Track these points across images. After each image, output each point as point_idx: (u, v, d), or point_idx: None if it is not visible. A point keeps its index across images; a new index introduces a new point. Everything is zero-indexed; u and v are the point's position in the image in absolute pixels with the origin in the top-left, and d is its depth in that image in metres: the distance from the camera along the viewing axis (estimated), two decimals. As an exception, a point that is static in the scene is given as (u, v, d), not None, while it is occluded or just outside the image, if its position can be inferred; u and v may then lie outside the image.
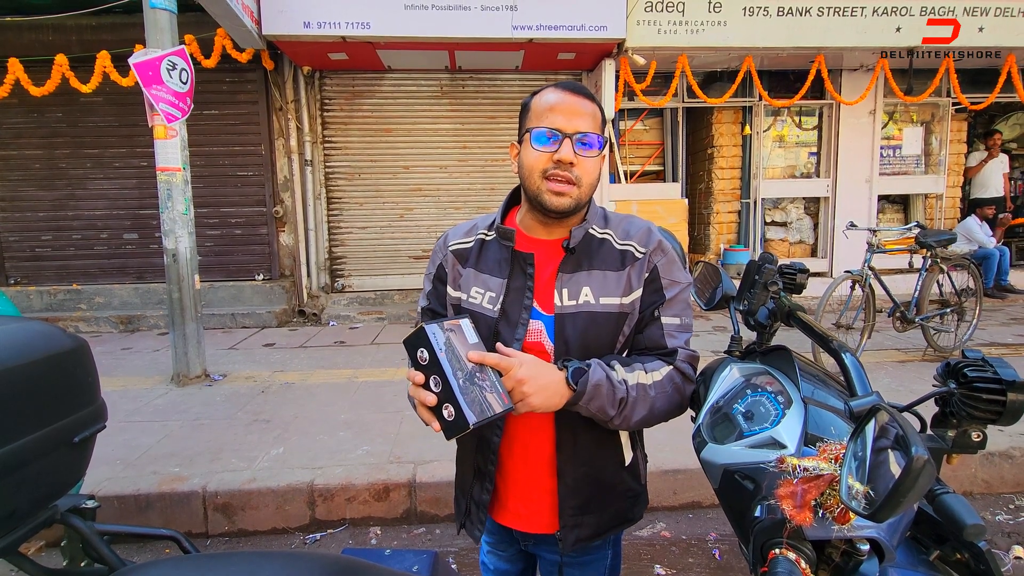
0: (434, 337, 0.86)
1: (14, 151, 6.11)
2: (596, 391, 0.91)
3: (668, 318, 1.03)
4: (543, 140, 0.97)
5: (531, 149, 0.99)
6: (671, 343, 1.02)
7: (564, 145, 0.96)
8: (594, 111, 1.01)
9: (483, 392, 0.88)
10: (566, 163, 0.96)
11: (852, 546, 0.63)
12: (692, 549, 2.34)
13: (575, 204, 0.99)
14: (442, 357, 0.85)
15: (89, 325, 5.82)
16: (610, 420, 0.95)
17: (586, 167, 0.99)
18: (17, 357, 0.96)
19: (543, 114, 0.98)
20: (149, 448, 2.89)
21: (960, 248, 6.02)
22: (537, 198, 1.00)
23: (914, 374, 3.96)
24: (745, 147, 6.79)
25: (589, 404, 0.92)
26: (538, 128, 0.97)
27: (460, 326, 0.94)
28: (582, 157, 0.97)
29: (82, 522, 1.10)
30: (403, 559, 1.04)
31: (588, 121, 0.98)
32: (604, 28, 5.32)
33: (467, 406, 0.83)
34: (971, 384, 0.63)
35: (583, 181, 0.98)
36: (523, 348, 1.03)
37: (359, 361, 4.53)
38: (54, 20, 5.43)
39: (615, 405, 0.93)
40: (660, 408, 0.98)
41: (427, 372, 0.87)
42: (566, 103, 0.98)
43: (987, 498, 2.72)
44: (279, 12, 5.08)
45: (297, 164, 6.20)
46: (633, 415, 0.95)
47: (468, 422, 0.82)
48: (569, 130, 0.96)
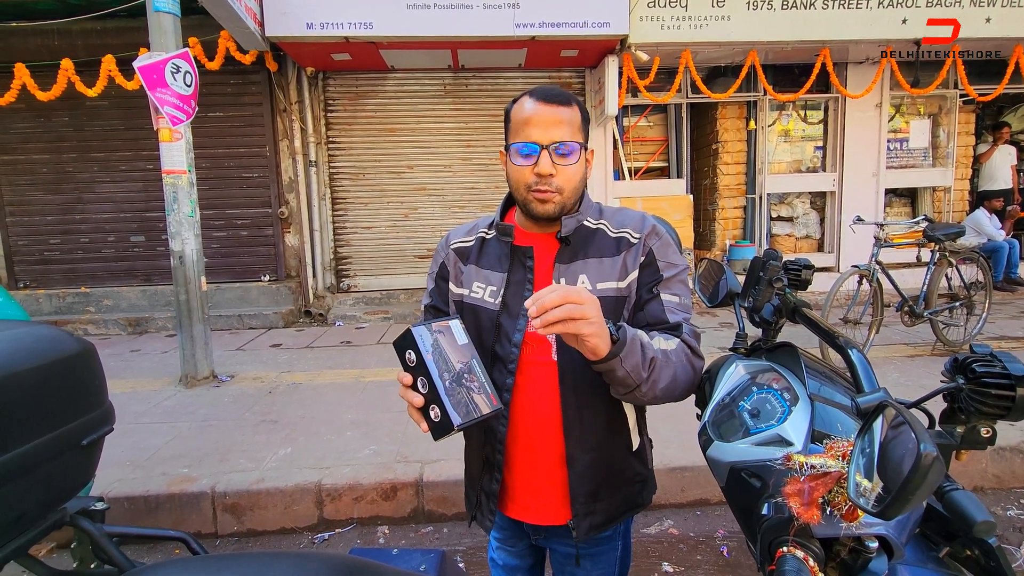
0: (421, 339, 0.88)
1: (21, 156, 6.16)
2: (633, 345, 0.88)
3: (667, 295, 1.03)
4: (523, 154, 1.00)
5: (512, 164, 1.02)
6: (672, 318, 1.02)
7: (542, 158, 0.98)
8: (571, 116, 1.01)
9: (470, 393, 0.90)
10: (545, 176, 0.98)
11: (860, 543, 0.62)
12: (700, 546, 2.33)
13: (560, 209, 1.03)
14: (428, 359, 0.87)
15: (98, 328, 5.86)
16: (640, 384, 0.91)
17: (566, 174, 1.01)
18: (25, 361, 0.96)
19: (519, 128, 1.01)
20: (158, 449, 2.91)
21: (969, 241, 5.96)
22: (524, 207, 1.05)
23: (923, 369, 3.93)
24: (750, 142, 6.75)
25: (626, 360, 0.88)
26: (516, 143, 1.01)
27: (449, 327, 0.96)
28: (561, 166, 1.00)
29: (91, 524, 1.10)
30: (411, 558, 1.04)
31: (564, 129, 0.99)
32: (607, 25, 5.30)
33: (452, 408, 0.85)
34: (980, 379, 0.63)
35: (565, 188, 1.01)
36: (524, 339, 1.05)
37: (365, 361, 4.54)
38: (59, 25, 5.46)
39: (647, 366, 0.90)
40: (681, 378, 0.96)
41: (415, 374, 0.89)
42: (539, 114, 0.99)
43: (998, 493, 2.70)
44: (282, 14, 5.09)
45: (302, 165, 6.22)
46: (660, 380, 0.92)
47: (453, 423, 0.84)
48: (545, 141, 0.98)
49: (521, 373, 1.06)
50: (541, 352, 1.05)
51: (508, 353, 1.05)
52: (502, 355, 1.06)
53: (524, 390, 1.07)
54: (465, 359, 0.95)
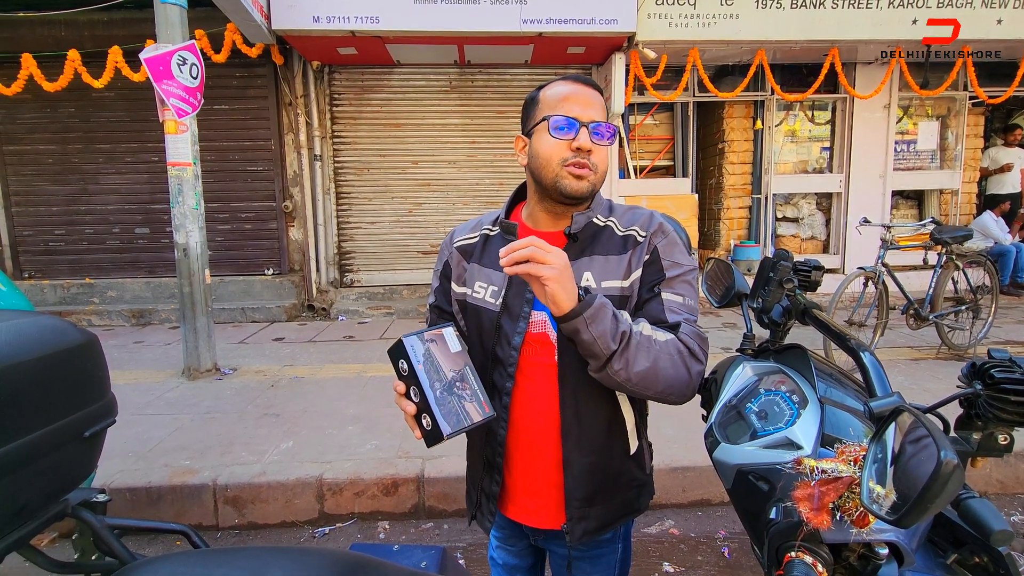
0: (412, 349, 0.89)
1: (27, 146, 6.17)
2: (601, 311, 0.87)
3: (669, 295, 1.01)
4: (561, 128, 0.98)
5: (548, 138, 0.99)
6: (672, 317, 0.99)
7: (581, 133, 0.98)
8: (602, 102, 1.04)
9: (461, 402, 0.91)
10: (585, 150, 0.98)
11: (870, 550, 0.61)
12: (701, 547, 2.33)
13: (592, 188, 1.02)
14: (419, 369, 0.88)
15: (101, 319, 5.88)
16: (611, 358, 0.88)
17: (601, 155, 1.01)
18: (28, 352, 0.96)
19: (557, 104, 1.00)
20: (160, 441, 2.91)
21: (976, 244, 5.92)
22: (555, 184, 1.00)
23: (928, 372, 3.90)
24: (756, 142, 6.72)
25: (592, 324, 0.86)
26: (555, 116, 0.98)
27: (442, 335, 0.96)
28: (597, 145, 0.99)
29: (92, 516, 1.10)
30: (412, 554, 1.03)
31: (599, 111, 1.01)
32: (614, 22, 5.27)
33: (442, 417, 0.87)
34: (998, 385, 0.61)
35: (599, 168, 1.01)
36: (526, 340, 1.04)
37: (368, 356, 4.54)
38: (66, 16, 5.46)
39: (617, 338, 0.88)
40: (664, 370, 0.92)
41: (407, 383, 0.90)
42: (579, 93, 1.00)
43: (1002, 498, 2.68)
44: (288, 7, 5.08)
45: (306, 159, 6.22)
46: (635, 362, 0.89)
47: (443, 433, 0.86)
48: (585, 119, 0.98)
49: (521, 375, 1.05)
50: (542, 354, 1.04)
51: (508, 356, 1.04)
52: (502, 357, 1.05)
53: (524, 392, 1.06)
54: (458, 367, 0.95)
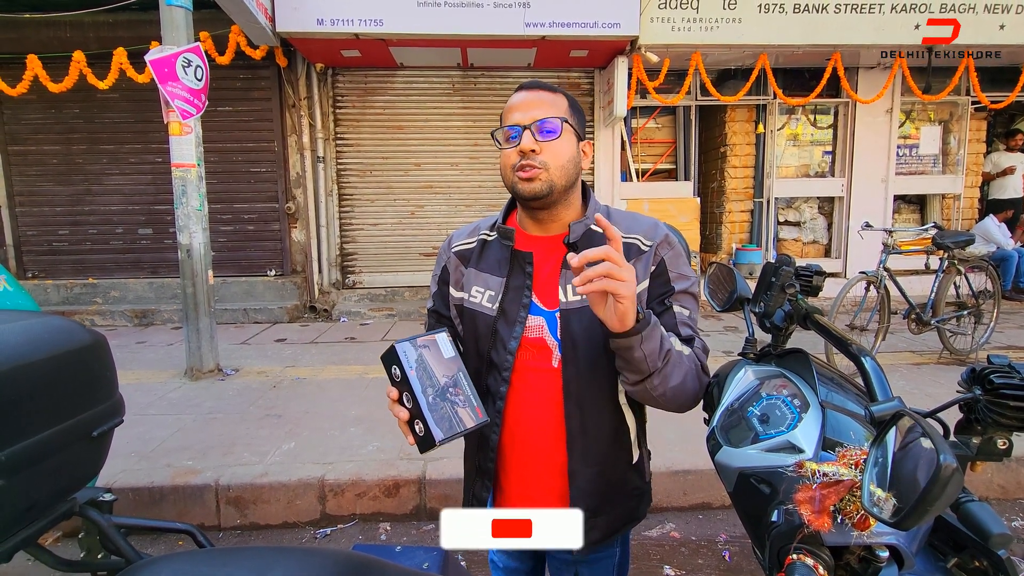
0: (404, 355, 0.89)
1: (32, 147, 6.20)
2: (655, 330, 0.88)
3: (679, 308, 1.02)
4: (510, 139, 1.01)
5: (501, 151, 1.03)
6: (684, 331, 1.01)
7: (524, 136, 0.98)
8: (553, 99, 1.02)
9: (454, 408, 0.91)
10: (527, 151, 0.97)
11: (871, 552, 0.62)
12: (702, 550, 2.33)
13: (547, 186, 0.99)
14: (411, 375, 0.88)
15: (104, 319, 5.89)
16: (653, 374, 0.90)
17: (552, 150, 0.99)
18: (37, 352, 0.97)
19: (506, 117, 1.03)
20: (163, 441, 2.92)
21: (978, 249, 5.92)
22: (512, 190, 1.03)
23: (929, 377, 3.90)
24: (758, 146, 6.72)
25: (645, 342, 0.87)
26: (503, 129, 1.02)
27: (435, 341, 0.96)
28: (544, 142, 0.98)
29: (99, 515, 1.11)
30: (414, 556, 1.04)
31: (546, 108, 1.00)
32: (617, 25, 5.28)
33: (435, 423, 0.87)
34: (997, 391, 0.62)
35: (551, 164, 0.99)
36: (522, 344, 1.04)
37: (369, 357, 4.55)
38: (72, 17, 5.49)
39: (663, 356, 0.89)
40: (690, 385, 0.95)
41: (400, 388, 0.91)
42: (522, 100, 1.02)
43: (1003, 503, 2.68)
44: (293, 9, 5.10)
45: (309, 161, 6.23)
46: (672, 377, 0.92)
47: (435, 439, 0.86)
48: (526, 121, 0.99)
49: (517, 380, 1.05)
50: (540, 359, 1.04)
51: (503, 360, 1.04)
52: (497, 362, 1.05)
53: (520, 398, 1.06)
54: (451, 372, 0.95)
